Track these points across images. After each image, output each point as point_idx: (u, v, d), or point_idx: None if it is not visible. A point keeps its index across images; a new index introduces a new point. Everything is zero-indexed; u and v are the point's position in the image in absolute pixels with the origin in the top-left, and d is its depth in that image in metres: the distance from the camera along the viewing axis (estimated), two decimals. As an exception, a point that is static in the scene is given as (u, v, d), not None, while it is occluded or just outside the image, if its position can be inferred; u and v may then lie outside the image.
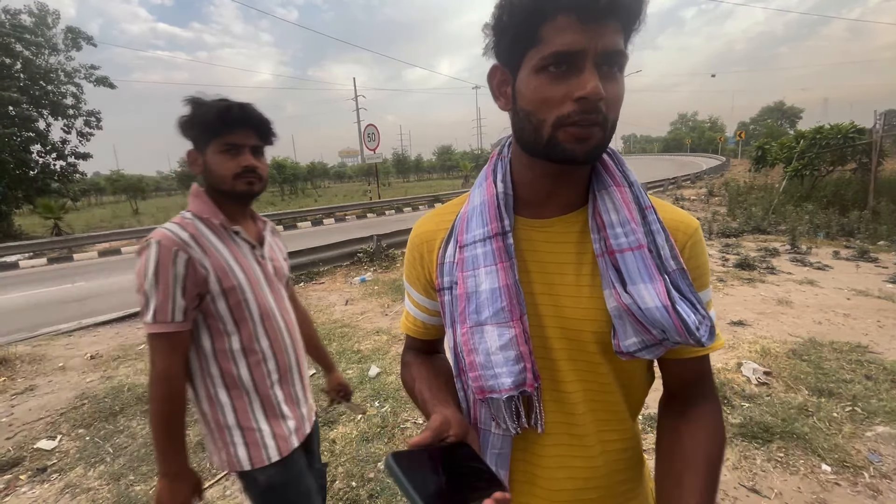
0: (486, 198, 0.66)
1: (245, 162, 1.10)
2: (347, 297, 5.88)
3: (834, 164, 10.18)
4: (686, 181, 21.75)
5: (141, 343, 4.64)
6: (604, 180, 0.63)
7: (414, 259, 0.74)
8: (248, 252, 1.16)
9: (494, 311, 0.61)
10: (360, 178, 51.77)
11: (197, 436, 2.71)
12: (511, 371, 0.60)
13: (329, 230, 13.86)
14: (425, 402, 0.69)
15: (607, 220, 0.61)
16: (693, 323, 0.57)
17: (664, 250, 0.60)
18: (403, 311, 0.82)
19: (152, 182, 50.49)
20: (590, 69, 0.53)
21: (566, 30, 0.53)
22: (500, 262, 0.62)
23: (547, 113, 0.56)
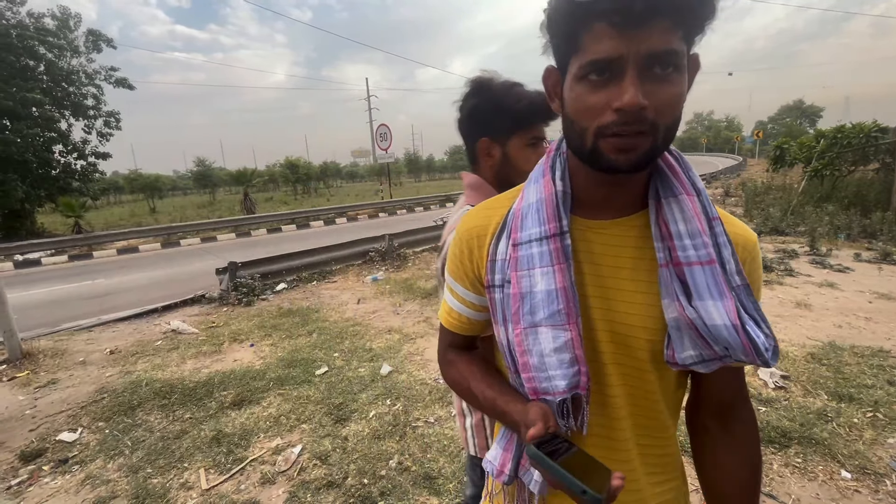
0: (543, 195, 0.64)
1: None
2: (359, 295, 5.92)
3: (856, 164, 9.93)
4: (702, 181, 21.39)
5: (158, 339, 4.74)
6: (672, 187, 0.61)
7: (462, 253, 0.72)
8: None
9: (550, 312, 0.60)
10: (371, 177, 52.06)
11: (212, 431, 2.75)
12: (565, 374, 0.60)
13: (341, 229, 13.96)
14: (492, 399, 0.68)
15: (675, 230, 0.58)
16: (762, 344, 0.55)
17: (730, 265, 0.58)
18: (444, 306, 0.79)
19: (168, 181, 51.39)
20: (630, 77, 0.50)
21: (602, 38, 0.51)
22: (558, 263, 0.60)
23: (588, 122, 0.54)
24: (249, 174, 21.39)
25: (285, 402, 3.19)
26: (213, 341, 4.54)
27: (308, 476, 2.41)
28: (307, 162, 36.76)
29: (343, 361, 3.86)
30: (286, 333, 4.65)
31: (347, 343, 4.28)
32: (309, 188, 33.99)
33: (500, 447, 0.71)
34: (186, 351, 4.33)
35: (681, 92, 0.54)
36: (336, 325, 4.82)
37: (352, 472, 2.41)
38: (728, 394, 0.69)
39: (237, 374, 3.69)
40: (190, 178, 41.96)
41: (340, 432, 2.79)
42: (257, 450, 2.67)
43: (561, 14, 0.54)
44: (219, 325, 5.12)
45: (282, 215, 16.70)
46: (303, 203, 24.55)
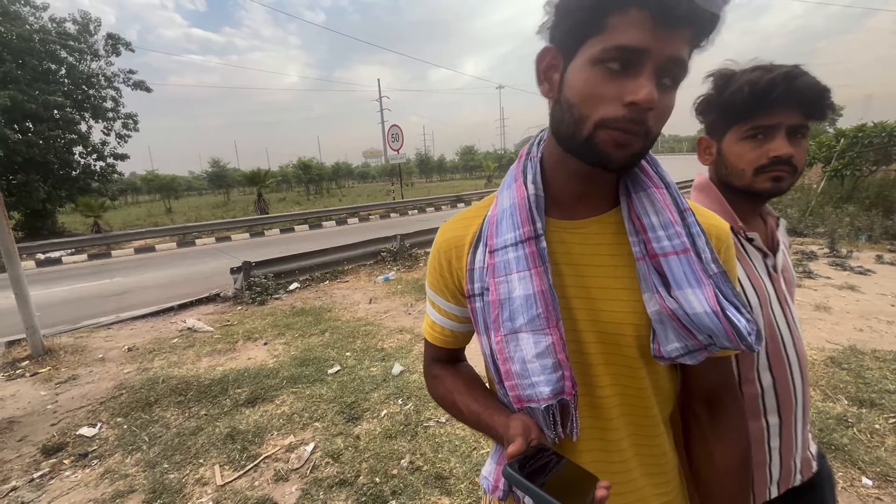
0: (516, 200, 0.63)
1: (775, 151, 0.82)
2: (371, 295, 5.95)
3: (878, 164, 9.68)
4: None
5: (174, 337, 4.82)
6: (640, 181, 0.61)
7: (441, 266, 0.72)
8: (759, 263, 0.90)
9: (529, 318, 0.59)
10: (383, 178, 52.30)
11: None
12: (549, 379, 0.59)
13: (353, 229, 14.04)
14: (476, 413, 0.68)
15: (647, 222, 0.59)
16: (744, 328, 0.55)
17: (705, 253, 0.58)
18: (427, 320, 0.79)
19: (184, 182, 52.22)
20: (648, 74, 0.50)
21: (636, 25, 0.49)
22: (534, 266, 0.60)
23: (592, 109, 0.53)
24: (263, 175, 21.62)
25: (298, 401, 3.22)
26: (228, 339, 4.61)
27: (321, 474, 2.43)
28: (319, 163, 37.10)
29: (355, 361, 3.89)
30: (299, 332, 4.70)
31: (359, 342, 4.31)
32: (321, 188, 34.28)
33: (494, 462, 0.70)
34: (202, 349, 4.40)
35: (672, 105, 0.55)
36: (348, 324, 4.86)
37: (364, 471, 2.42)
38: (715, 384, 0.68)
39: (251, 372, 3.74)
40: (205, 178, 42.58)
41: (352, 431, 2.81)
42: (271, 447, 2.70)
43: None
44: (233, 323, 5.19)
45: (294, 215, 16.87)
46: (315, 203, 24.76)
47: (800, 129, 0.84)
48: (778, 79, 0.80)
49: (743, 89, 0.83)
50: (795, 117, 0.82)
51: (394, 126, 19.26)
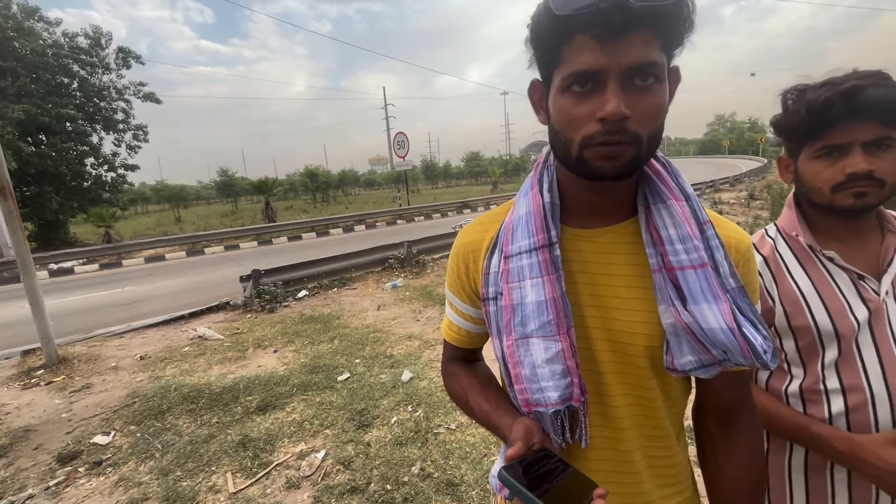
0: (531, 208, 0.64)
1: (851, 167, 0.78)
2: (379, 302, 5.97)
3: None
4: (724, 184, 20.95)
5: (185, 345, 4.87)
6: (660, 192, 0.61)
7: (458, 268, 0.73)
8: (847, 284, 0.84)
9: (540, 323, 0.60)
10: (389, 185, 52.54)
11: (239, 435, 2.82)
12: (557, 385, 0.59)
13: (360, 237, 14.11)
14: (486, 413, 0.69)
15: (665, 235, 0.59)
16: (760, 346, 0.55)
17: (723, 267, 0.58)
18: (445, 320, 0.81)
19: (193, 191, 52.85)
20: (612, 88, 0.51)
21: (583, 50, 0.52)
22: (547, 273, 0.60)
23: (573, 132, 0.55)
24: (270, 183, 21.84)
25: (308, 408, 3.24)
26: (238, 347, 4.64)
27: (332, 481, 2.44)
28: (326, 171, 37.38)
29: (364, 368, 3.90)
30: (308, 340, 4.72)
31: (368, 349, 4.32)
32: (328, 196, 34.52)
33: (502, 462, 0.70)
34: (213, 357, 4.44)
35: (662, 102, 0.55)
36: (357, 331, 4.88)
37: (375, 478, 2.43)
38: (731, 399, 0.68)
39: (261, 379, 3.76)
40: (213, 187, 43.13)
41: (363, 438, 2.81)
42: (282, 454, 2.72)
43: (543, 28, 0.55)
44: (243, 331, 5.23)
45: (302, 223, 16.99)
46: (322, 211, 24.93)
47: (883, 141, 0.77)
48: (835, 97, 0.76)
49: (800, 111, 0.81)
50: (871, 130, 0.77)
51: (399, 133, 19.40)
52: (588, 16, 0.49)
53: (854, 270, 0.84)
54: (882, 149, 0.77)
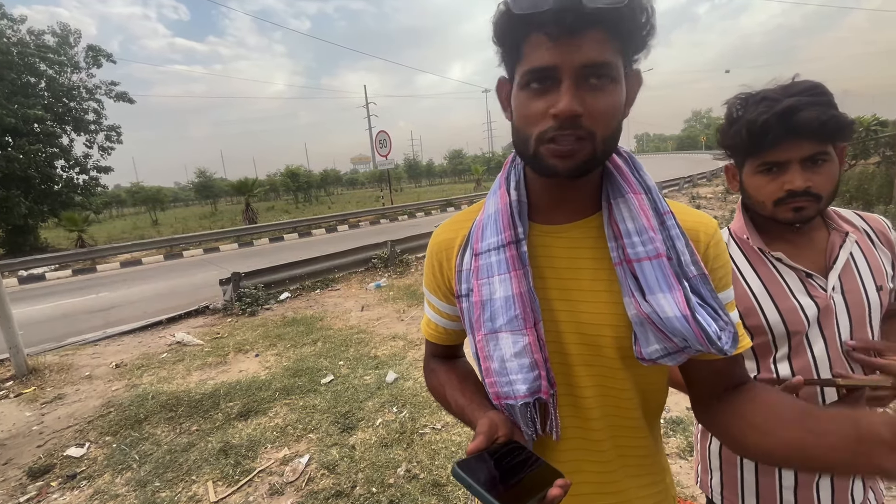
0: (499, 206, 0.66)
1: (789, 184, 0.83)
2: (363, 303, 5.92)
3: (857, 158, 9.92)
4: (702, 179, 21.40)
5: (163, 352, 4.75)
6: (620, 187, 0.62)
7: (433, 267, 0.75)
8: (796, 282, 0.89)
9: (508, 318, 0.61)
10: (372, 184, 52.18)
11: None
12: (526, 378, 0.61)
13: (343, 237, 13.99)
14: (462, 407, 0.70)
15: (624, 228, 0.60)
16: (714, 332, 0.56)
17: (684, 256, 0.59)
18: (424, 317, 0.82)
19: (170, 193, 51.58)
20: (567, 85, 0.53)
21: (539, 47, 0.54)
22: (514, 269, 0.62)
23: (530, 128, 0.57)
24: (250, 184, 21.44)
25: (291, 412, 3.19)
26: (218, 352, 4.55)
27: (316, 486, 2.40)
28: (307, 170, 36.92)
29: (348, 369, 3.86)
30: (291, 343, 4.65)
31: (352, 351, 4.28)
32: (310, 196, 34.11)
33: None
34: (192, 363, 4.34)
35: (616, 102, 0.56)
36: (340, 333, 4.82)
37: (360, 481, 2.40)
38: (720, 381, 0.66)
39: (243, 384, 3.69)
40: (191, 189, 42.14)
41: (347, 441, 2.78)
42: (265, 461, 2.67)
43: (504, 26, 0.57)
44: (223, 335, 5.12)
45: (283, 224, 16.74)
46: (304, 211, 24.62)
47: (818, 156, 0.82)
48: (773, 120, 0.80)
49: (741, 132, 0.85)
50: (808, 148, 0.81)
51: (381, 132, 19.25)
52: (543, 15, 0.51)
53: (802, 269, 0.89)
54: (818, 164, 0.82)
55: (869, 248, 0.92)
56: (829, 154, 0.83)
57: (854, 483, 0.91)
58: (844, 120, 0.80)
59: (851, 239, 0.90)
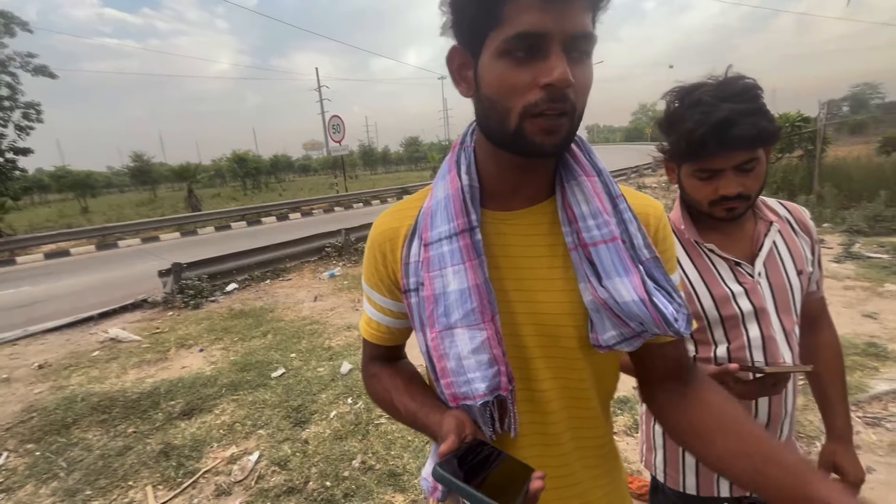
0: (450, 191, 0.61)
1: (724, 190, 0.87)
2: (316, 293, 5.75)
3: (783, 152, 10.71)
4: (647, 169, 22.44)
5: (94, 349, 4.39)
6: (573, 170, 0.61)
7: (375, 259, 0.68)
8: (726, 271, 0.95)
9: (464, 312, 0.57)
10: (325, 170, 50.58)
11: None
12: (485, 375, 0.57)
13: (295, 225, 13.51)
14: (413, 412, 0.65)
15: (578, 212, 0.59)
16: (671, 314, 0.56)
17: (637, 239, 0.58)
18: (364, 316, 0.75)
19: (102, 178, 47.66)
20: (556, 53, 0.50)
21: (530, 9, 0.49)
22: (469, 259, 0.58)
23: (513, 101, 0.52)
24: (193, 169, 20.23)
25: (240, 409, 3.05)
26: (158, 348, 4.27)
27: (267, 484, 2.31)
28: (256, 155, 35.22)
29: (301, 362, 3.74)
30: (238, 336, 4.44)
31: (305, 342, 4.15)
32: (259, 183, 32.60)
33: (433, 462, 0.67)
34: (128, 360, 4.04)
35: (591, 77, 0.55)
36: (292, 324, 4.66)
37: (313, 476, 2.34)
38: (672, 366, 0.67)
39: (186, 381, 3.48)
40: (126, 174, 38.96)
41: (300, 435, 2.70)
42: (210, 460, 2.53)
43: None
44: (164, 330, 4.81)
45: (230, 212, 15.92)
46: (253, 199, 23.55)
47: (748, 163, 0.86)
48: (709, 134, 0.83)
49: (680, 143, 0.88)
50: (739, 157, 0.85)
51: (334, 117, 18.66)
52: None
53: (731, 259, 0.95)
54: (748, 169, 0.87)
55: (790, 236, 0.98)
56: (759, 158, 0.88)
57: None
58: (773, 129, 0.85)
59: (775, 228, 0.96)
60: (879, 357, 3.00)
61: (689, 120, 0.85)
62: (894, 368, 2.87)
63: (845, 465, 1.00)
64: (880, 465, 2.12)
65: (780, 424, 0.97)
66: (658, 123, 0.97)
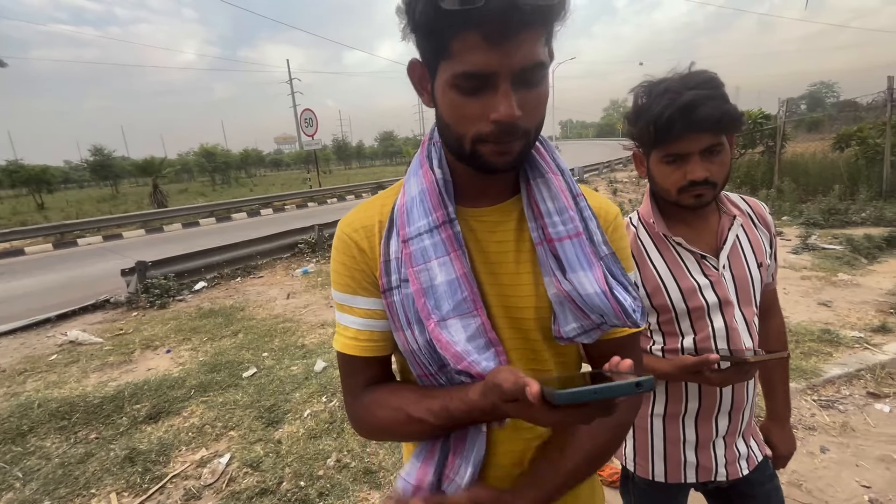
0: (424, 185, 0.62)
1: (691, 175, 0.89)
2: (289, 290, 5.64)
3: (746, 148, 11.14)
4: (619, 164, 22.93)
5: (52, 353, 4.18)
6: (538, 168, 0.63)
7: (353, 260, 0.64)
8: (693, 264, 0.97)
9: (455, 303, 0.58)
10: (298, 165, 49.56)
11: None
12: (487, 357, 0.58)
13: (267, 221, 13.20)
14: (444, 407, 0.58)
15: (544, 208, 0.61)
16: (630, 306, 0.59)
17: (596, 236, 0.61)
18: (346, 332, 0.66)
19: (60, 173, 45.25)
20: (504, 90, 0.51)
21: (475, 49, 0.49)
22: (453, 251, 0.59)
23: (465, 129, 0.54)
24: (158, 164, 19.44)
25: (209, 410, 2.96)
26: (122, 350, 4.10)
27: (238, 486, 2.26)
28: (225, 150, 34.18)
29: (273, 361, 3.66)
30: (208, 335, 4.31)
31: (277, 341, 4.07)
32: (229, 178, 31.66)
33: (419, 461, 0.66)
34: (89, 363, 3.87)
35: (546, 93, 0.56)
36: (264, 322, 4.56)
37: (287, 476, 2.30)
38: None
39: (152, 384, 3.36)
40: (86, 169, 37.09)
41: (273, 436, 2.64)
42: (179, 464, 2.46)
43: (426, 15, 0.50)
44: (128, 331, 4.63)
45: (198, 208, 15.40)
46: (222, 194, 22.89)
47: (715, 148, 0.89)
48: (676, 115, 0.85)
49: (648, 128, 0.90)
50: (705, 140, 0.87)
51: (307, 110, 18.24)
52: (477, 12, 0.47)
53: (697, 252, 0.98)
54: (714, 154, 0.90)
55: (751, 229, 1.02)
56: (724, 145, 0.90)
57: (738, 439, 1.03)
58: (736, 113, 0.88)
59: (738, 222, 1.00)
60: (833, 343, 3.17)
61: (657, 105, 0.88)
62: (846, 353, 3.04)
63: (777, 441, 1.11)
64: (833, 444, 2.24)
65: (743, 410, 1.02)
66: (626, 117, 0.99)
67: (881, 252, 5.11)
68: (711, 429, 1.01)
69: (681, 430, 1.02)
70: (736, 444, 1.03)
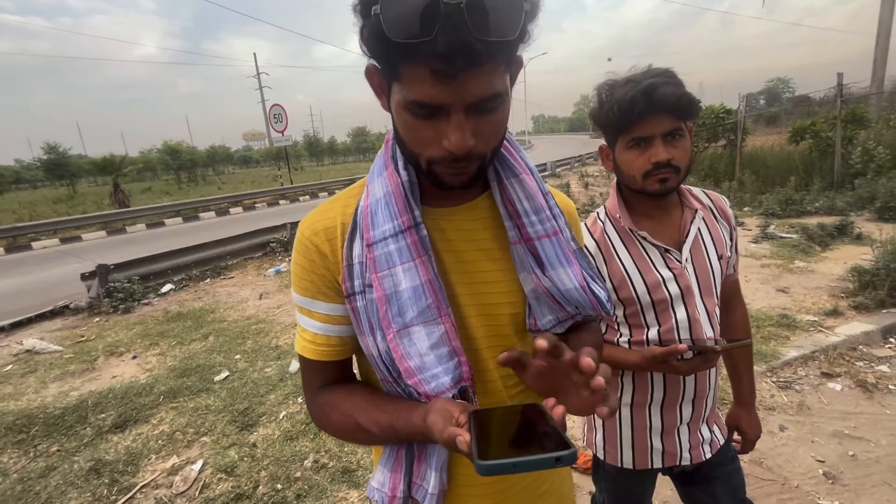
0: (390, 188, 0.60)
1: (655, 157, 0.92)
2: (261, 290, 5.52)
3: (709, 142, 11.54)
4: (590, 159, 23.37)
5: (7, 363, 3.96)
6: (511, 167, 0.63)
7: (313, 263, 0.63)
8: (657, 257, 1.00)
9: (420, 310, 0.57)
10: (268, 162, 48.32)
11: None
12: (447, 368, 0.58)
13: (237, 220, 12.84)
14: (390, 424, 0.60)
15: (521, 208, 0.62)
16: (604, 297, 0.64)
17: (565, 232, 0.64)
18: (306, 335, 0.65)
19: (10, 173, 42.74)
20: (456, 120, 0.49)
21: (424, 82, 0.47)
22: (418, 256, 0.58)
23: (419, 149, 0.54)
24: (119, 162, 18.59)
25: (180, 416, 2.88)
26: (84, 358, 3.92)
27: (212, 493, 2.21)
28: (191, 146, 32.99)
29: (246, 363, 3.58)
30: (176, 339, 4.18)
31: (250, 343, 3.98)
32: (195, 176, 30.60)
33: (387, 469, 0.66)
34: (48, 373, 3.69)
35: (505, 116, 0.55)
36: (236, 324, 4.45)
37: (263, 480, 2.26)
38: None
39: (117, 391, 3.23)
40: (39, 168, 35.09)
41: (247, 439, 2.59)
42: (149, 474, 2.38)
43: (374, 41, 0.49)
44: (90, 338, 4.43)
45: (163, 207, 14.84)
46: (189, 193, 22.11)
47: (675, 132, 0.92)
48: (638, 95, 0.88)
49: (613, 109, 0.92)
50: (667, 123, 0.91)
51: (276, 105, 17.77)
52: (427, 46, 0.44)
53: (661, 246, 1.01)
54: (676, 138, 0.93)
55: (713, 223, 1.06)
56: (684, 130, 0.94)
57: (702, 425, 1.08)
58: (693, 98, 0.91)
59: (699, 216, 1.03)
60: (790, 327, 3.34)
61: (620, 92, 0.91)
62: (802, 336, 3.21)
63: (745, 426, 1.16)
64: (791, 423, 2.37)
65: (706, 398, 1.06)
66: (591, 113, 1.02)
67: (832, 240, 5.40)
68: (676, 416, 1.05)
69: (647, 418, 1.07)
70: (700, 429, 1.08)
